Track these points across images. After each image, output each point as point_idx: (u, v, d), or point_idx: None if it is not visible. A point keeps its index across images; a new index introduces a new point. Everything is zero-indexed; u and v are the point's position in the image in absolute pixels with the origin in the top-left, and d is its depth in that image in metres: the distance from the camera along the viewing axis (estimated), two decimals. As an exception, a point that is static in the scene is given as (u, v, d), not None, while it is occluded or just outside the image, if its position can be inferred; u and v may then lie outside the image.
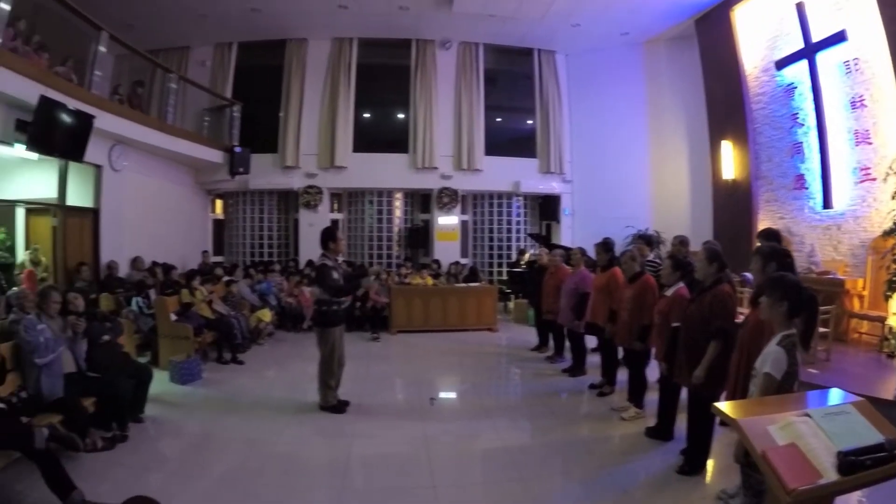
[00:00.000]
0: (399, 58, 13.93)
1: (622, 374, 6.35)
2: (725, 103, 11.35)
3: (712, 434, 4.36)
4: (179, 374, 7.07)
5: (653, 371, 5.56)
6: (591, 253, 7.54)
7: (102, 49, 9.03)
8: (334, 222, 13.68)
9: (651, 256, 7.35)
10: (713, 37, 11.63)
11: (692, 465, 4.37)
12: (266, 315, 9.76)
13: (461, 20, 12.58)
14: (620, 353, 6.43)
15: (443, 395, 7.08)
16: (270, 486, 4.30)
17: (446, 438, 5.34)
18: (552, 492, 4.28)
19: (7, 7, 6.82)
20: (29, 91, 7.19)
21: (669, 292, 4.92)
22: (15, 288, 7.31)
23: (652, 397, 5.50)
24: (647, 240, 8.18)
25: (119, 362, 5.81)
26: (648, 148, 13.68)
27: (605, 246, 6.84)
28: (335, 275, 5.95)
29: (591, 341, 7.59)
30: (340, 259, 6.24)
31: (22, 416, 4.27)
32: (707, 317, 4.18)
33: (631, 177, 13.65)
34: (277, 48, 13.82)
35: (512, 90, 14.81)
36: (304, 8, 12.06)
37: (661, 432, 5.08)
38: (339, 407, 6.04)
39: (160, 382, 6.49)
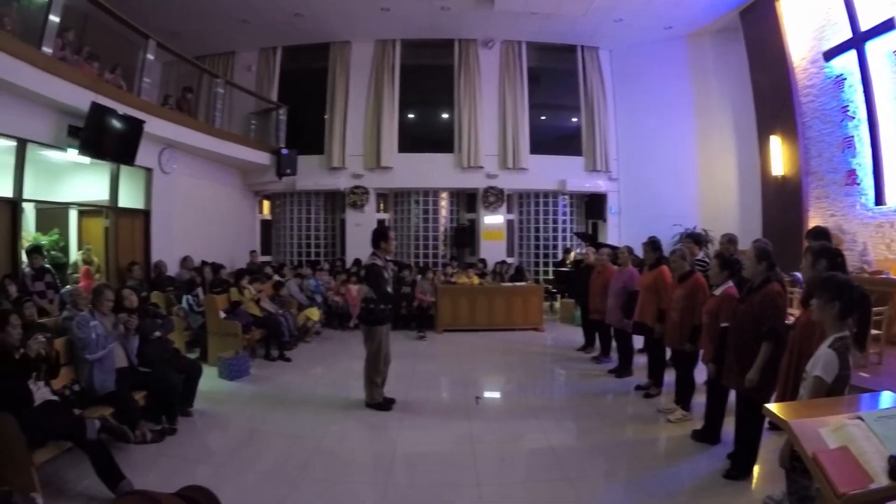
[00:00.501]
0: (442, 58, 13.95)
1: (669, 376, 6.23)
2: (773, 97, 10.99)
3: (760, 438, 4.24)
4: (228, 370, 7.22)
5: (700, 373, 5.44)
6: (639, 251, 7.43)
7: (150, 57, 9.33)
8: (381, 222, 13.79)
9: (700, 255, 7.17)
10: (759, 28, 11.29)
11: (739, 469, 4.25)
12: (314, 314, 9.89)
13: (503, 19, 12.52)
14: (668, 353, 6.30)
15: (488, 394, 7.05)
16: (315, 480, 4.34)
17: (491, 437, 5.32)
18: (596, 493, 4.23)
19: (56, 19, 7.05)
20: (80, 98, 7.46)
21: (718, 292, 4.81)
22: (68, 286, 7.56)
23: (699, 400, 5.40)
24: (696, 238, 7.99)
25: (169, 358, 5.96)
26: (695, 144, 13.35)
27: (653, 244, 6.68)
28: (386, 274, 6.01)
29: (637, 342, 7.46)
30: (389, 258, 6.21)
31: (74, 409, 4.39)
32: (757, 317, 4.05)
33: (678, 174, 13.34)
34: (321, 51, 14.01)
35: (556, 87, 14.68)
36: (346, 11, 12.19)
37: (707, 435, 4.96)
38: (385, 404, 6.07)
39: (209, 378, 6.63)
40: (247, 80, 13.76)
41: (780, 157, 10.88)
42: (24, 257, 7.49)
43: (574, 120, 14.26)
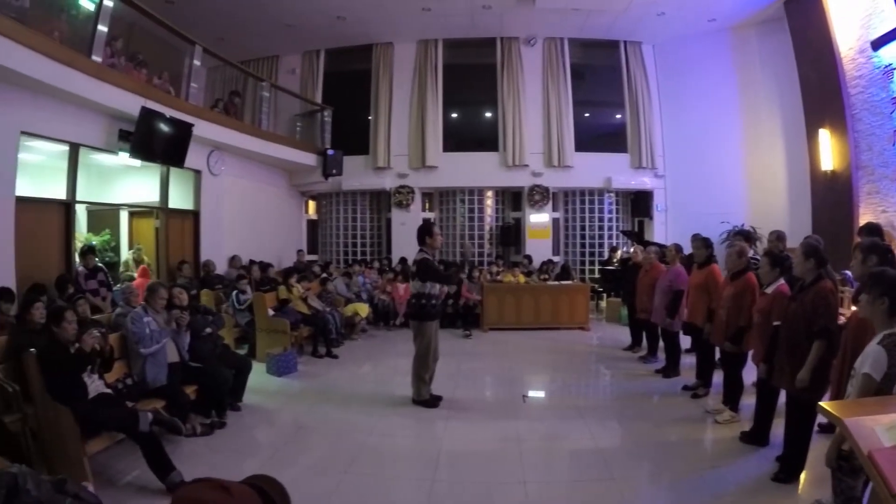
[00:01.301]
0: (485, 56, 13.88)
1: (717, 377, 6.08)
2: (821, 89, 10.51)
3: (810, 441, 4.11)
4: (276, 366, 7.33)
5: (749, 373, 5.29)
6: (687, 249, 7.28)
7: (197, 63, 9.56)
8: (426, 220, 13.72)
9: (750, 253, 6.93)
10: (804, 18, 10.82)
11: (787, 472, 4.12)
12: (363, 309, 9.99)
13: (545, 15, 12.39)
14: (717, 353, 6.14)
15: (534, 393, 6.98)
16: (362, 475, 4.37)
17: (537, 436, 5.28)
18: (642, 494, 4.17)
19: (104, 28, 7.28)
20: (130, 103, 7.70)
21: (770, 290, 4.69)
22: (119, 285, 7.80)
23: (748, 401, 5.28)
24: (745, 236, 7.74)
25: (220, 353, 6.10)
26: (742, 139, 12.92)
27: (705, 241, 6.54)
28: (436, 265, 6.05)
29: (684, 341, 7.31)
30: (436, 256, 6.23)
31: (127, 402, 4.52)
32: (809, 316, 3.94)
33: (725, 170, 12.92)
34: (364, 53, 14.10)
35: (600, 84, 14.44)
36: (387, 13, 12.23)
37: (756, 437, 4.82)
38: (432, 401, 6.08)
39: (257, 374, 6.74)
40: (291, 82, 13.95)
41: (829, 152, 10.38)
42: (77, 257, 7.73)
43: (618, 116, 14.00)
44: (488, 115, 14.23)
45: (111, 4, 7.34)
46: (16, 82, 6.27)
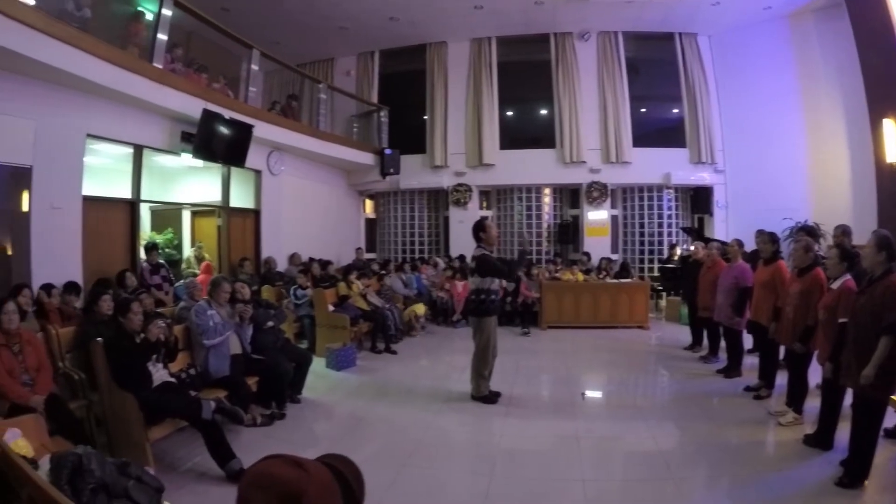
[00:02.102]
0: (539, 53, 13.72)
1: (781, 378, 5.81)
2: (885, 77, 9.72)
3: (876, 445, 3.88)
4: (335, 360, 7.38)
5: (814, 374, 5.06)
6: (749, 246, 7.03)
7: (255, 67, 9.75)
8: (484, 218, 13.64)
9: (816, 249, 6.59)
10: (864, 2, 10.12)
11: (852, 477, 3.88)
12: (420, 308, 9.99)
13: (598, 9, 12.17)
14: (781, 353, 5.89)
15: (593, 391, 6.81)
16: (420, 468, 4.35)
17: (595, 434, 5.14)
18: (702, 495, 4.03)
19: (164, 37, 7.53)
20: (192, 106, 7.93)
21: (836, 285, 4.44)
22: (181, 281, 8.04)
23: (812, 403, 5.01)
24: (809, 232, 7.37)
25: (281, 346, 6.18)
26: (804, 131, 12.28)
27: (771, 236, 6.23)
28: (494, 260, 5.97)
29: (746, 341, 7.03)
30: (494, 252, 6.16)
31: (190, 391, 4.59)
32: (878, 310, 3.72)
33: (786, 164, 12.31)
34: (418, 53, 14.15)
35: (656, 78, 14.10)
36: (440, 12, 12.23)
37: (820, 440, 4.57)
38: (491, 398, 6.01)
39: (317, 368, 6.83)
40: (347, 84, 14.10)
41: (895, 143, 9.75)
42: (142, 253, 7.98)
43: (676, 111, 13.61)
44: (544, 111, 14.07)
45: (170, 13, 7.60)
46: (81, 87, 6.53)
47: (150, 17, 7.97)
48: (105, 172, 8.00)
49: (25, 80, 6.06)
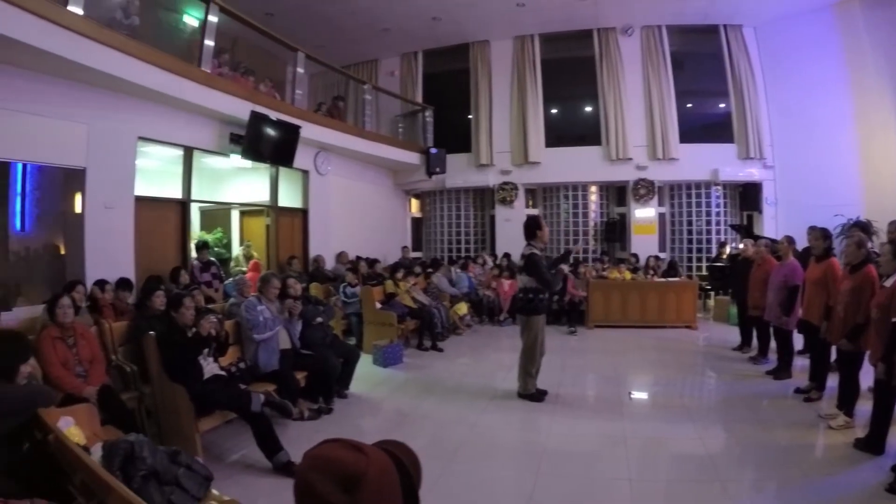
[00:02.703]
0: (582, 49, 13.51)
1: (832, 380, 5.58)
2: None
3: None
4: (382, 357, 7.42)
5: (866, 376, 4.84)
6: (801, 243, 6.84)
7: (300, 70, 9.90)
8: (533, 215, 13.55)
9: (869, 246, 6.29)
10: None
11: None
12: (461, 308, 9.97)
13: (640, 3, 11.94)
14: (833, 354, 5.64)
15: (640, 392, 6.63)
16: (465, 464, 4.32)
17: (642, 434, 5.03)
18: (749, 498, 3.90)
19: (211, 43, 7.72)
20: (240, 108, 8.08)
21: (889, 283, 4.28)
22: (230, 279, 8.18)
23: (864, 406, 4.83)
24: (863, 228, 7.02)
25: (330, 342, 6.23)
26: (854, 124, 11.75)
27: (823, 232, 5.99)
28: (545, 263, 5.90)
29: (797, 342, 6.81)
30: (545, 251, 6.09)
31: (240, 384, 4.64)
32: None
33: (837, 158, 11.77)
34: (461, 52, 14.12)
35: (702, 72, 13.69)
36: (482, 11, 12.16)
37: (871, 445, 4.38)
38: (538, 396, 5.95)
39: (364, 364, 6.87)
40: (391, 85, 14.16)
41: None
42: (192, 252, 8.15)
43: (722, 105, 13.24)
44: (589, 108, 13.87)
45: (216, 20, 7.77)
46: (132, 92, 6.72)
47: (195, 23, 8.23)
48: (157, 174, 8.20)
49: (78, 86, 6.25)
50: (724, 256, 11.26)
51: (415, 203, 15.30)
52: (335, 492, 0.95)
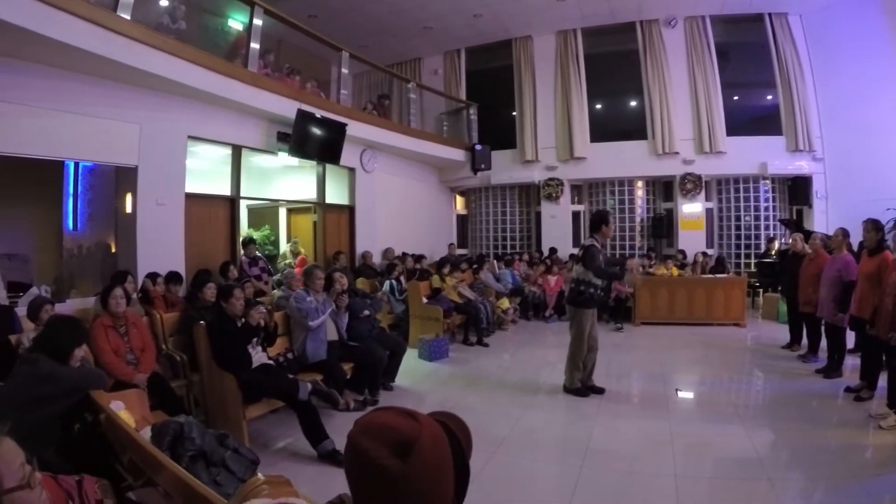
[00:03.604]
0: (625, 43, 13.29)
1: (884, 379, 5.30)
2: None
3: None
4: (428, 351, 7.43)
5: None
6: (855, 237, 6.53)
7: (345, 71, 10.04)
8: (576, 214, 13.55)
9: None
10: None
11: None
12: (503, 302, 9.93)
13: (682, -7, 11.69)
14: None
15: (687, 389, 6.46)
16: (509, 456, 4.30)
17: (688, 431, 4.91)
18: (797, 496, 3.76)
19: (256, 46, 7.90)
20: (287, 107, 8.27)
21: None
22: (278, 275, 8.32)
23: None
24: None
25: (377, 335, 6.27)
26: None
27: (875, 224, 5.73)
28: (600, 258, 5.82)
29: (849, 341, 6.52)
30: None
31: (287, 374, 4.69)
32: None
33: (891, 150, 11.25)
34: (504, 48, 14.06)
35: (747, 63, 13.31)
36: (523, 6, 12.08)
37: None
38: (583, 391, 5.87)
39: (409, 358, 6.89)
40: (435, 83, 14.22)
41: None
42: (241, 248, 8.31)
43: (770, 97, 12.83)
44: (634, 102, 13.65)
45: (260, 23, 7.95)
46: (181, 93, 6.96)
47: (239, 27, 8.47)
48: (207, 174, 8.38)
49: (129, 88, 6.51)
50: (774, 252, 10.94)
51: (460, 200, 15.33)
52: (388, 456, 0.95)
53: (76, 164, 7.98)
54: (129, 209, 6.89)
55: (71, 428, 2.88)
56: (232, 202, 8.19)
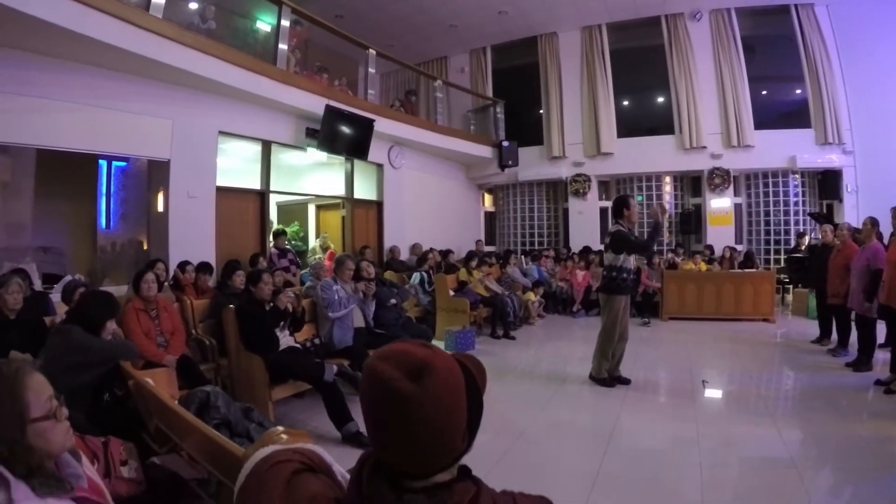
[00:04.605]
0: (651, 37, 13.21)
1: None
2: None
3: None
4: (454, 342, 7.43)
5: None
6: (885, 226, 6.46)
7: (372, 70, 10.21)
8: (604, 210, 13.43)
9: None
10: None
11: None
12: (529, 295, 9.92)
13: (707, -15, 11.56)
14: None
15: (713, 382, 6.32)
16: (533, 443, 4.33)
17: (715, 422, 4.85)
18: (825, 485, 3.73)
19: (284, 47, 8.12)
20: (315, 104, 8.43)
21: None
22: (306, 270, 8.48)
23: None
24: None
25: (403, 323, 6.38)
26: None
27: None
28: (632, 238, 5.80)
29: (880, 334, 6.39)
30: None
31: (315, 358, 4.77)
32: None
33: None
34: (530, 45, 14.06)
35: (774, 55, 13.11)
36: (548, 2, 12.10)
37: None
38: (609, 381, 5.84)
39: (436, 349, 6.87)
40: (461, 81, 14.26)
41: None
42: (270, 240, 8.49)
43: (798, 91, 12.62)
44: (660, 97, 13.53)
45: (287, 24, 8.16)
46: (212, 89, 7.15)
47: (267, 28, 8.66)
48: (238, 173, 8.58)
49: (162, 85, 6.74)
50: (803, 248, 10.73)
51: (488, 198, 15.36)
52: (401, 378, 0.98)
53: (109, 164, 8.27)
54: (160, 207, 7.12)
55: (100, 398, 2.98)
56: (262, 196, 8.36)
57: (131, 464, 2.24)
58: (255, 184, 8.32)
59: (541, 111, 13.89)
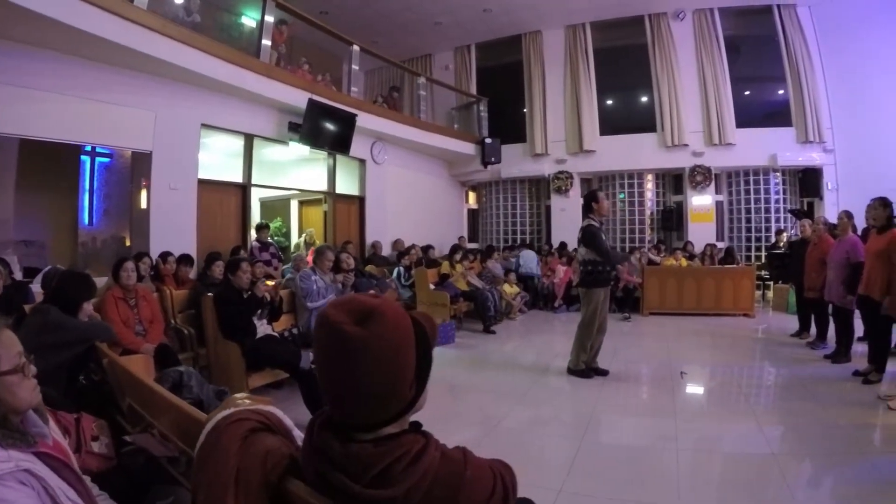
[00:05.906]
0: (634, 37, 13.32)
1: (893, 364, 5.40)
2: None
3: None
4: (434, 335, 7.45)
5: None
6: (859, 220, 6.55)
7: (355, 67, 10.23)
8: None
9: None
10: None
11: None
12: (507, 288, 9.99)
13: (691, -16, 11.69)
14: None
15: (693, 373, 6.44)
16: (510, 431, 4.42)
17: (693, 411, 4.99)
18: (804, 471, 3.83)
19: (268, 42, 8.21)
20: (298, 98, 8.47)
21: None
22: (288, 265, 8.55)
23: None
24: None
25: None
26: None
27: (883, 201, 5.67)
28: (603, 236, 5.91)
29: (858, 328, 6.50)
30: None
31: (292, 347, 4.84)
32: None
33: None
34: (514, 43, 14.15)
35: (757, 55, 13.27)
36: (532, 0, 12.19)
37: None
38: (586, 372, 5.93)
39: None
40: (446, 78, 14.28)
41: None
42: (252, 234, 8.51)
43: (780, 92, 12.76)
44: (643, 95, 13.67)
45: (272, 20, 8.27)
46: (196, 82, 7.21)
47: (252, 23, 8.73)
48: (219, 168, 8.56)
49: (146, 76, 6.78)
50: (783, 244, 10.85)
51: (471, 195, 15.46)
52: (349, 322, 1.05)
53: (92, 161, 8.27)
54: (143, 204, 7.15)
55: (76, 379, 3.03)
56: (244, 189, 8.40)
57: (102, 440, 2.30)
58: (237, 177, 8.36)
59: (524, 109, 13.95)
